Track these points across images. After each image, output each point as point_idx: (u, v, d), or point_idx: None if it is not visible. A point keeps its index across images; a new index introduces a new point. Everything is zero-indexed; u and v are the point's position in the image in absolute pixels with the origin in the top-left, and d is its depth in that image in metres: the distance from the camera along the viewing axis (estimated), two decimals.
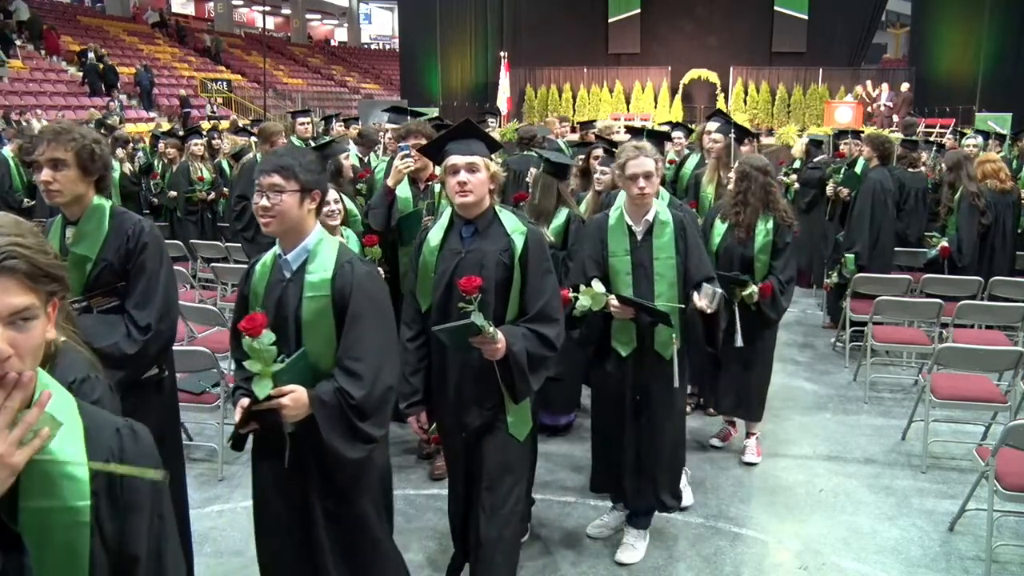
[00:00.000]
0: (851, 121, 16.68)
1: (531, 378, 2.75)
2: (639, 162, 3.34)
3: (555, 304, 2.82)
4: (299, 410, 2.29)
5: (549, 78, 22.10)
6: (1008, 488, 3.41)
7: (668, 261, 3.42)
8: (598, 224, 3.56)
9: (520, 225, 2.83)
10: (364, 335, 2.36)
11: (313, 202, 2.42)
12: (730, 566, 3.57)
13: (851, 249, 6.19)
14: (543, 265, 2.81)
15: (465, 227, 2.83)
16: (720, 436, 4.81)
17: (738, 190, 4.42)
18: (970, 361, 4.60)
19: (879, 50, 30.22)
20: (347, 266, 2.40)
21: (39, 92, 18.31)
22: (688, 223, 3.49)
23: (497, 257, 2.77)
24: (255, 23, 35.93)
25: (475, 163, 2.73)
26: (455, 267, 2.78)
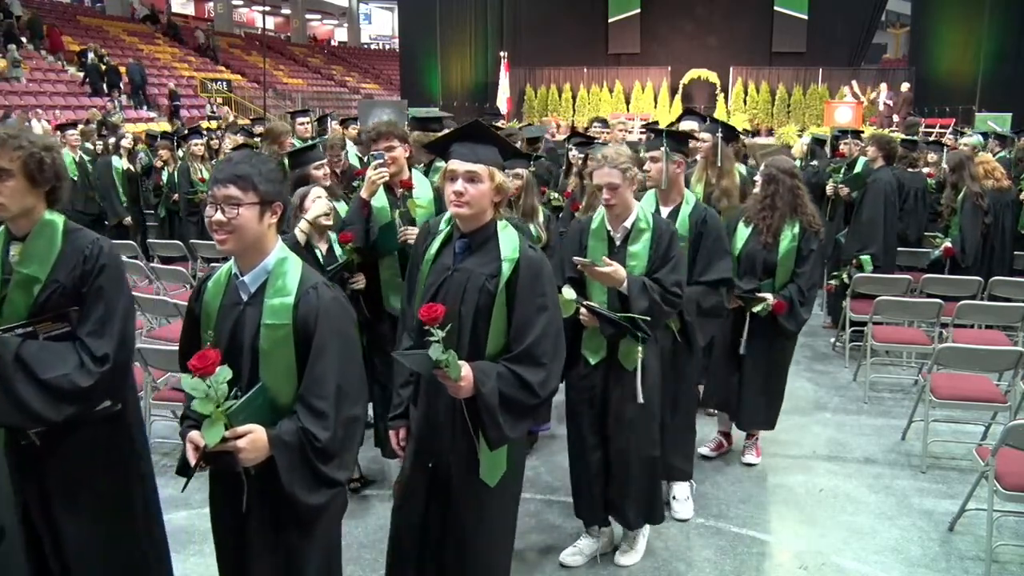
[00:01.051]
0: (851, 121, 16.68)
1: (504, 424, 2.40)
2: (602, 173, 3.26)
3: (547, 346, 2.46)
4: (257, 453, 2.05)
5: (549, 78, 22.10)
6: (1008, 488, 3.41)
7: (637, 269, 3.32)
8: (581, 226, 3.50)
9: (516, 249, 2.50)
10: (329, 369, 2.12)
11: (274, 216, 2.18)
12: (730, 566, 3.57)
13: (865, 251, 6.17)
14: (536, 300, 2.47)
15: (460, 241, 2.56)
16: (712, 447, 4.66)
17: (765, 194, 4.29)
18: (970, 361, 4.61)
19: (879, 50, 30.23)
20: (312, 292, 2.16)
21: (39, 92, 18.31)
22: (665, 231, 3.36)
23: (483, 282, 2.47)
24: (255, 23, 35.92)
25: (476, 172, 2.44)
26: (441, 284, 2.53)
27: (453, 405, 2.47)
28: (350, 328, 2.25)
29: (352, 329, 2.26)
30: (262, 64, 23.34)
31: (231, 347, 2.15)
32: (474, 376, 2.36)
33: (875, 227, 6.19)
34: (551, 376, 2.48)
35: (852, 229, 6.43)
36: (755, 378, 4.37)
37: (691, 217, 3.81)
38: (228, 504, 2.25)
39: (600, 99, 21.47)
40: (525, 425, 2.51)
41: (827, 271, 7.17)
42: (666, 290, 3.28)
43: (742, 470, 4.50)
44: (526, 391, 2.42)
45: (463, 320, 2.45)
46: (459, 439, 2.50)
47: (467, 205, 2.45)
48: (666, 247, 3.34)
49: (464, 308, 2.46)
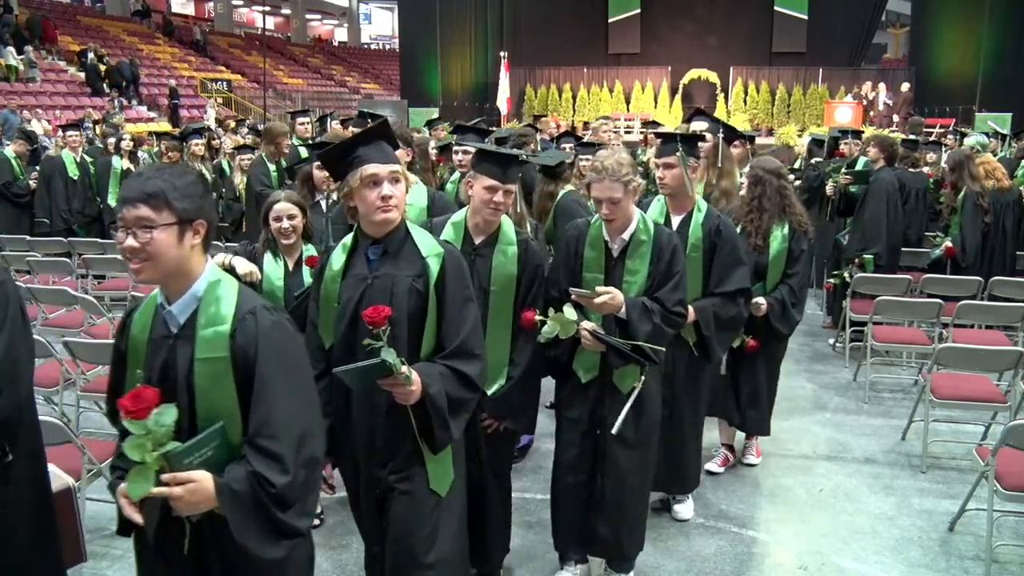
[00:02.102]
0: (851, 121, 16.68)
1: (451, 424, 2.36)
2: (602, 187, 3.00)
3: (477, 338, 2.45)
4: (199, 503, 1.80)
5: (549, 78, 22.10)
6: (1008, 488, 3.41)
7: (635, 286, 3.09)
8: (578, 232, 3.21)
9: (436, 246, 2.45)
10: (278, 404, 1.87)
11: (197, 235, 1.89)
12: (730, 566, 3.57)
13: (868, 250, 6.17)
14: (463, 292, 2.44)
15: (372, 248, 2.43)
16: (720, 462, 4.49)
17: (752, 196, 4.21)
18: (970, 361, 4.61)
19: (879, 50, 30.23)
20: (249, 318, 1.90)
21: (39, 92, 18.31)
22: (666, 244, 3.11)
23: (410, 283, 2.38)
24: (255, 23, 35.93)
25: (398, 172, 2.37)
26: (361, 296, 2.38)
27: (395, 424, 2.37)
28: (299, 355, 2.01)
29: (302, 356, 2.04)
30: (262, 64, 23.33)
31: (163, 386, 1.87)
32: (421, 379, 2.28)
33: (878, 227, 6.19)
34: (484, 365, 2.49)
35: (854, 229, 6.42)
36: (750, 382, 4.29)
37: (704, 226, 3.62)
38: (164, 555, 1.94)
39: (600, 99, 21.47)
40: (464, 420, 2.46)
41: (827, 271, 7.18)
42: (667, 311, 3.06)
43: (742, 470, 4.50)
44: (467, 386, 2.40)
45: (397, 326, 2.33)
46: (401, 455, 2.42)
47: (395, 208, 2.37)
48: (668, 262, 3.09)
49: (396, 315, 2.31)
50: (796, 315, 4.22)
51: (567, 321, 2.92)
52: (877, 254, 6.13)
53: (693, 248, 3.59)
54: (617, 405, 3.08)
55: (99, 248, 7.37)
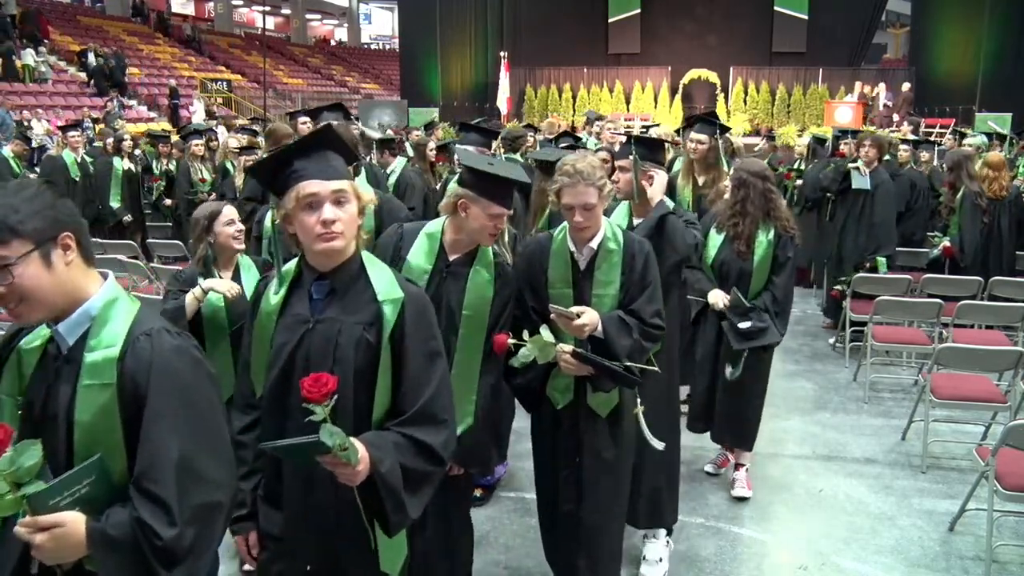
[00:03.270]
0: (851, 121, 16.69)
1: (408, 503, 1.94)
2: (576, 192, 2.74)
3: (445, 400, 2.03)
4: (65, 550, 1.52)
5: (549, 78, 22.11)
6: (1008, 488, 3.41)
7: (607, 299, 2.83)
8: (540, 246, 2.96)
9: (395, 288, 2.00)
10: (168, 442, 1.59)
11: (68, 250, 1.61)
12: (730, 566, 3.57)
13: (880, 252, 6.16)
14: (427, 346, 2.01)
15: (317, 284, 2.00)
16: (716, 462, 4.43)
17: (735, 199, 4.00)
18: (970, 361, 4.61)
19: (879, 50, 30.24)
20: (143, 340, 1.63)
21: (39, 92, 18.32)
22: (639, 251, 2.86)
23: (359, 333, 1.96)
24: (255, 23, 35.93)
25: (344, 191, 1.93)
26: (299, 343, 1.98)
27: (336, 494, 1.95)
28: (201, 385, 1.69)
29: (206, 386, 1.71)
30: (262, 64, 23.34)
31: (44, 417, 1.63)
32: (370, 455, 1.86)
33: (889, 228, 6.23)
34: (452, 433, 2.06)
35: (858, 231, 6.41)
36: (730, 396, 4.09)
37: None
38: None
39: (600, 99, 21.48)
40: (427, 497, 2.02)
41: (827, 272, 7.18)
42: (645, 323, 2.81)
43: None
44: (428, 458, 1.97)
45: (341, 385, 1.89)
46: (345, 530, 2.00)
47: (340, 236, 1.92)
48: (642, 270, 2.85)
49: (340, 369, 1.92)
50: (780, 326, 3.97)
51: (545, 344, 2.65)
52: (890, 256, 6.14)
53: None
54: (599, 429, 2.89)
55: (99, 248, 7.38)
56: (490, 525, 3.88)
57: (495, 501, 4.11)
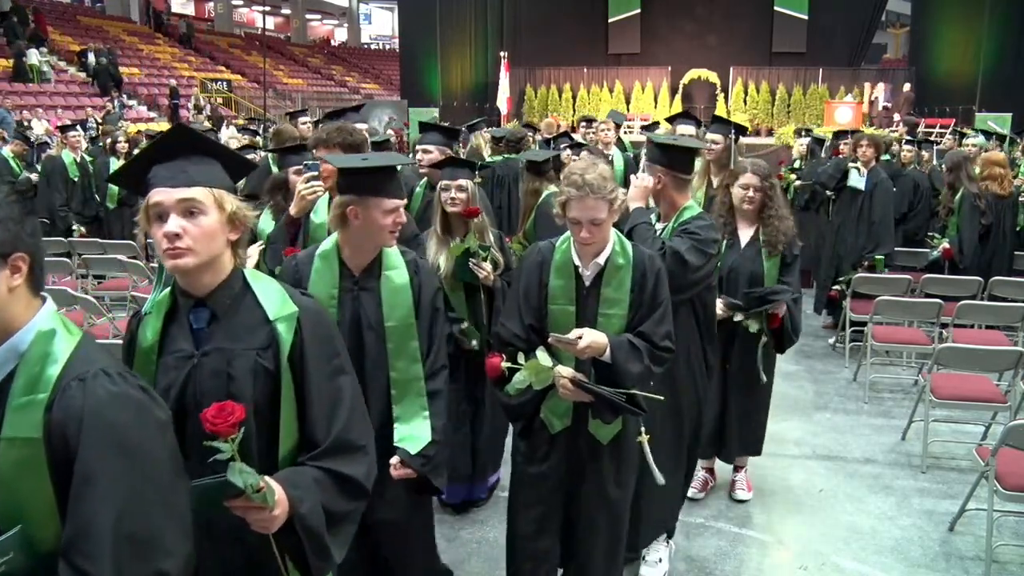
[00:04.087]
0: (851, 121, 16.69)
1: (333, 546, 1.74)
2: (585, 206, 2.49)
3: (360, 423, 1.82)
4: None
5: (549, 78, 22.10)
6: (1008, 488, 3.41)
7: (615, 320, 2.62)
8: (541, 256, 2.71)
9: (287, 303, 1.77)
10: (104, 506, 1.33)
11: (17, 273, 1.41)
12: (730, 566, 3.57)
13: (878, 250, 6.16)
14: (331, 364, 1.80)
15: (195, 312, 1.73)
16: (698, 487, 4.15)
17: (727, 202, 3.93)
18: (970, 361, 4.61)
19: (879, 50, 30.24)
20: (75, 386, 1.38)
21: (39, 92, 18.32)
22: (650, 268, 2.64)
23: (253, 360, 1.71)
24: (255, 23, 35.93)
25: (194, 201, 1.65)
26: (185, 382, 1.71)
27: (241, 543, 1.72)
28: (145, 437, 1.42)
29: (152, 437, 1.44)
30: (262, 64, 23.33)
31: None
32: (288, 495, 1.64)
33: (887, 227, 6.24)
34: (372, 458, 1.85)
35: (857, 230, 6.42)
36: (741, 401, 3.98)
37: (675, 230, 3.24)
38: None
39: (600, 99, 21.46)
40: (350, 536, 1.82)
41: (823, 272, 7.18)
42: (655, 346, 2.61)
43: None
44: (352, 494, 1.78)
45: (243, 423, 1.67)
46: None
47: (190, 253, 1.64)
48: (652, 289, 2.63)
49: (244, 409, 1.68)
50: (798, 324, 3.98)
51: (542, 368, 2.45)
52: (888, 255, 6.15)
53: None
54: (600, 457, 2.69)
55: (99, 248, 7.37)
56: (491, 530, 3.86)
57: (495, 502, 4.05)
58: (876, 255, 6.14)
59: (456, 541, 3.74)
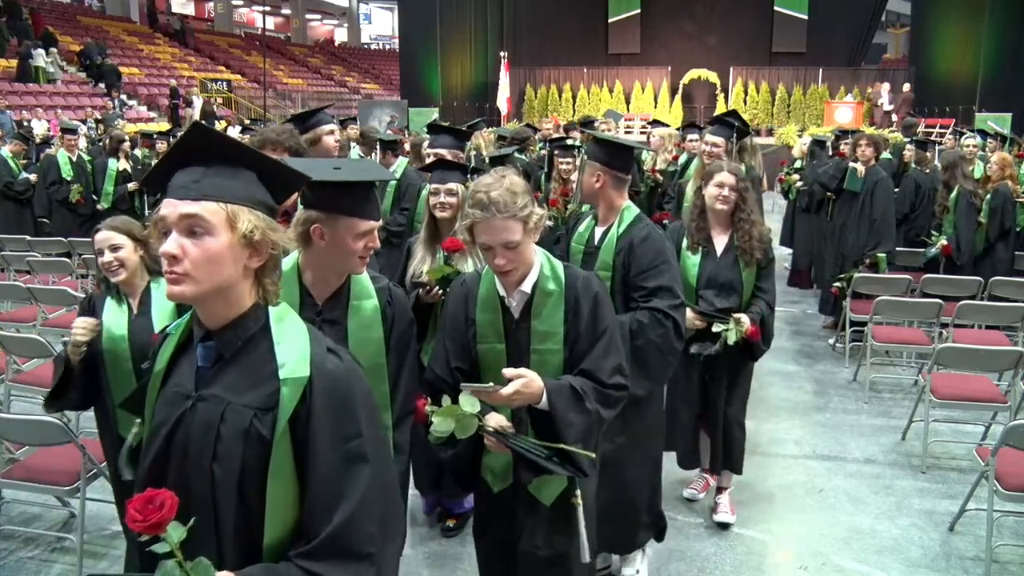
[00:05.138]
0: (851, 121, 16.70)
1: None
2: (491, 229, 2.12)
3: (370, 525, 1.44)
4: None
5: (549, 78, 22.12)
6: (1008, 488, 3.41)
7: (551, 356, 2.26)
8: (466, 288, 2.36)
9: (302, 361, 1.44)
10: None
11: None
12: (730, 566, 3.57)
13: (880, 248, 6.18)
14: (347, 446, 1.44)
15: (202, 346, 1.47)
16: (700, 488, 4.12)
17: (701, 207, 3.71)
18: (970, 361, 4.61)
19: (879, 50, 30.26)
20: None
21: (39, 92, 18.31)
22: (584, 290, 2.25)
23: (249, 420, 1.42)
24: (255, 23, 35.93)
25: (198, 218, 1.39)
26: (176, 425, 1.46)
27: None
28: None
29: None
30: (262, 64, 23.35)
31: None
32: None
33: (889, 225, 6.24)
34: (384, 568, 1.49)
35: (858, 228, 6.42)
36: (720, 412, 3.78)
37: (620, 239, 3.01)
38: None
39: (600, 99, 21.48)
40: None
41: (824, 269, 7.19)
42: (603, 385, 2.22)
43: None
44: None
45: (219, 490, 1.41)
46: None
47: (187, 279, 1.38)
48: (591, 316, 2.24)
49: (220, 468, 1.41)
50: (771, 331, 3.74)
51: (464, 416, 2.05)
52: (890, 252, 6.16)
53: (602, 266, 2.99)
54: (541, 517, 2.29)
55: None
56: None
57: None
58: (878, 253, 6.14)
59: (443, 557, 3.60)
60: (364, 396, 1.51)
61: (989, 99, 16.44)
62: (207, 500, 1.41)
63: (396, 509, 1.58)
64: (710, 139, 4.76)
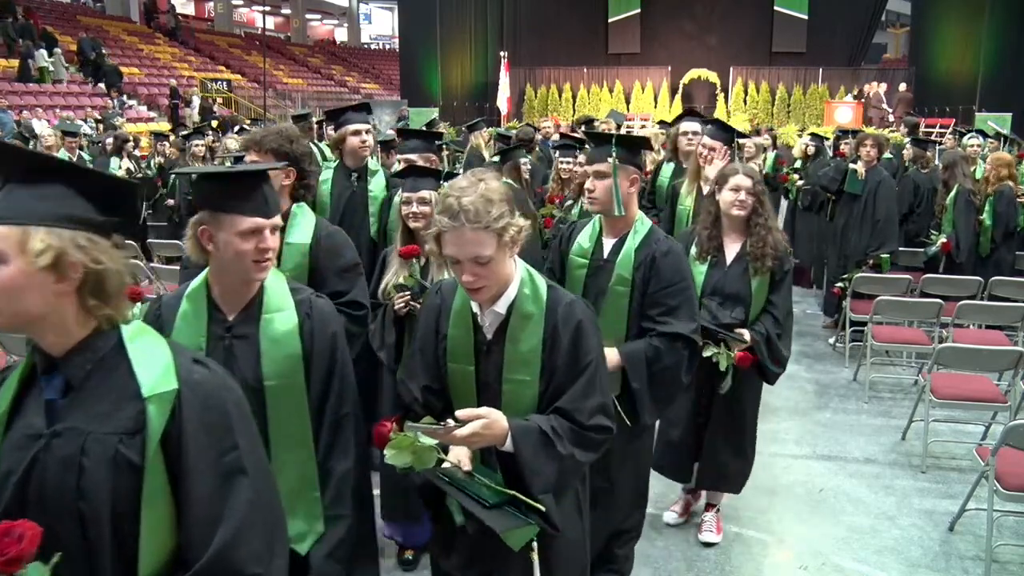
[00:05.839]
0: (851, 121, 16.71)
1: None
2: (459, 239, 1.87)
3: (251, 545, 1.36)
4: None
5: (549, 78, 22.15)
6: (1008, 488, 3.41)
7: (525, 388, 2.00)
8: (440, 298, 2.13)
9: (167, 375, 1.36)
10: None
11: None
12: (730, 566, 3.57)
13: (883, 249, 6.19)
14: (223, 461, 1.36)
15: (48, 378, 1.35)
16: (679, 511, 3.85)
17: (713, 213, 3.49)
18: (970, 361, 4.61)
19: (879, 50, 30.25)
20: None
21: (39, 92, 18.31)
22: (566, 318, 2.00)
23: (113, 449, 1.31)
24: (255, 23, 35.94)
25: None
26: (28, 470, 1.32)
27: None
28: None
29: None
30: (262, 64, 23.34)
31: None
32: None
33: (892, 225, 6.25)
34: None
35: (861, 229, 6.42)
36: (722, 426, 3.56)
37: (639, 252, 2.79)
38: None
39: (600, 99, 21.50)
40: None
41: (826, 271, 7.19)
42: (582, 427, 1.97)
43: None
44: None
45: (90, 528, 1.30)
46: None
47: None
48: (571, 347, 1.99)
49: (88, 505, 1.30)
50: (784, 349, 3.47)
51: (423, 450, 1.86)
52: (893, 252, 6.17)
53: (619, 281, 2.78)
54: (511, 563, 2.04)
55: None
56: None
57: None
58: (881, 253, 6.15)
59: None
60: (237, 405, 1.41)
61: (989, 99, 16.46)
62: (77, 542, 1.29)
63: (282, 521, 1.48)
64: (707, 141, 4.47)
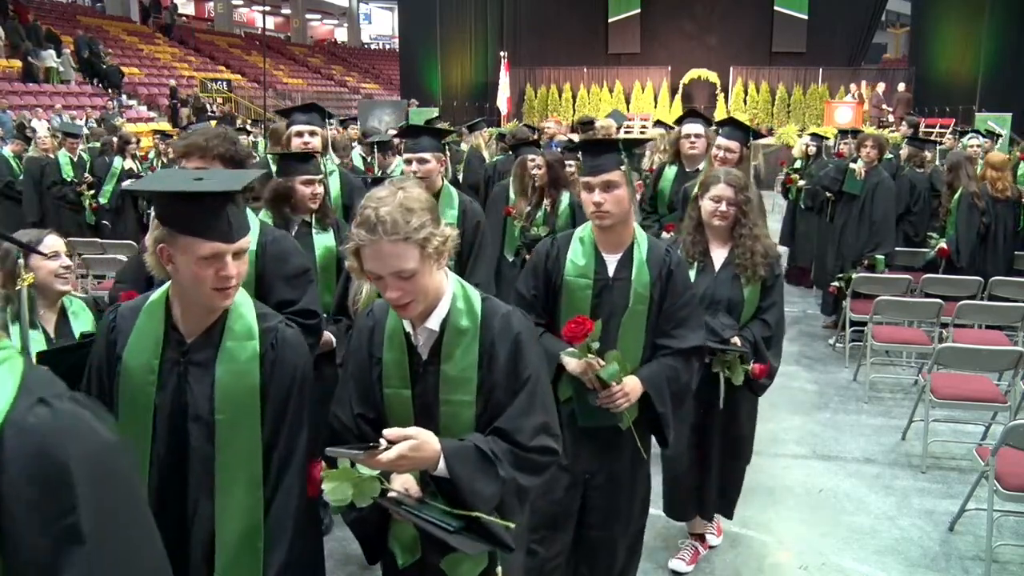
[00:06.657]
0: (851, 121, 16.71)
1: None
2: (379, 252, 1.74)
3: None
4: None
5: (549, 78, 22.14)
6: (1008, 488, 3.41)
7: (462, 409, 1.89)
8: (373, 319, 1.99)
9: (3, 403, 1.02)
10: None
11: None
12: (730, 566, 3.57)
13: (878, 250, 6.18)
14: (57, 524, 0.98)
15: None
16: (688, 559, 3.56)
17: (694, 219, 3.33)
18: (970, 361, 4.61)
19: (879, 50, 30.25)
20: None
21: (39, 92, 18.31)
22: (503, 332, 1.89)
23: None
24: (255, 23, 35.94)
25: None
26: None
27: None
28: None
29: None
30: (262, 64, 23.33)
31: None
32: None
33: (888, 226, 6.24)
34: None
35: (859, 229, 6.42)
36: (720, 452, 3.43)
37: (650, 263, 2.62)
38: None
39: (600, 99, 21.50)
40: None
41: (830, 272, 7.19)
42: (524, 449, 1.84)
43: None
44: None
45: None
46: None
47: None
48: (510, 363, 1.88)
49: None
50: (774, 359, 3.26)
51: (362, 479, 1.73)
52: (888, 254, 6.16)
53: (638, 300, 2.61)
54: None
55: (99, 248, 7.37)
56: None
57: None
58: (876, 254, 6.15)
59: None
60: (87, 458, 1.03)
61: (989, 99, 16.44)
62: None
63: None
64: (724, 143, 4.27)
